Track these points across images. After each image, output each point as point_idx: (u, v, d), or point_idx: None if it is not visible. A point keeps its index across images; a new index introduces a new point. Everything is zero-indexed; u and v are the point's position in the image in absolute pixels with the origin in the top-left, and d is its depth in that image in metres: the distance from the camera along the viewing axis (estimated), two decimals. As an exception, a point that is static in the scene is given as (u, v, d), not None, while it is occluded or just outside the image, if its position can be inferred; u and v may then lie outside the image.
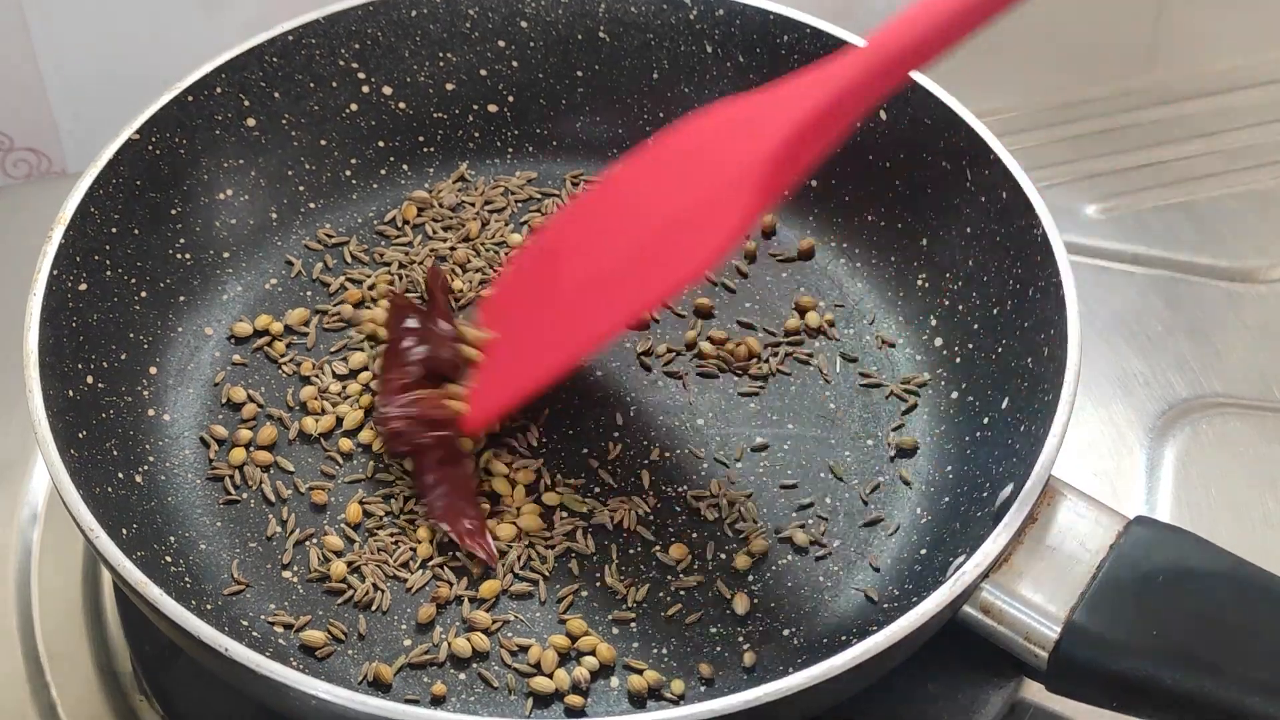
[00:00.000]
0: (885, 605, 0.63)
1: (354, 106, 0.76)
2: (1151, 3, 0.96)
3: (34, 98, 0.85)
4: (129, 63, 0.85)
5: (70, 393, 0.63)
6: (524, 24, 0.77)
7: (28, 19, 0.82)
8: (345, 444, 0.67)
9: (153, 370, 0.68)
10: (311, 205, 0.75)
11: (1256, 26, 0.95)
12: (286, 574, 0.63)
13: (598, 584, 0.64)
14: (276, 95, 0.74)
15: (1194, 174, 0.86)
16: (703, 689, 0.61)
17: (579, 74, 0.78)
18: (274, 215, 0.74)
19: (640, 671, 0.61)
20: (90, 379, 0.64)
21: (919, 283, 0.72)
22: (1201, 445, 0.74)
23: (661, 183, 0.62)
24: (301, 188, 0.75)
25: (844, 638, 0.61)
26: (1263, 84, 0.91)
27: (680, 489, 0.66)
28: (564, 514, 0.65)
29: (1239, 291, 0.81)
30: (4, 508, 0.71)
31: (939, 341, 0.71)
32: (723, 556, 0.64)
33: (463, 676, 0.61)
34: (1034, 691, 0.63)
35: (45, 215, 0.65)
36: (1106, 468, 0.73)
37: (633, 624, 0.62)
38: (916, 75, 0.72)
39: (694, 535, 0.65)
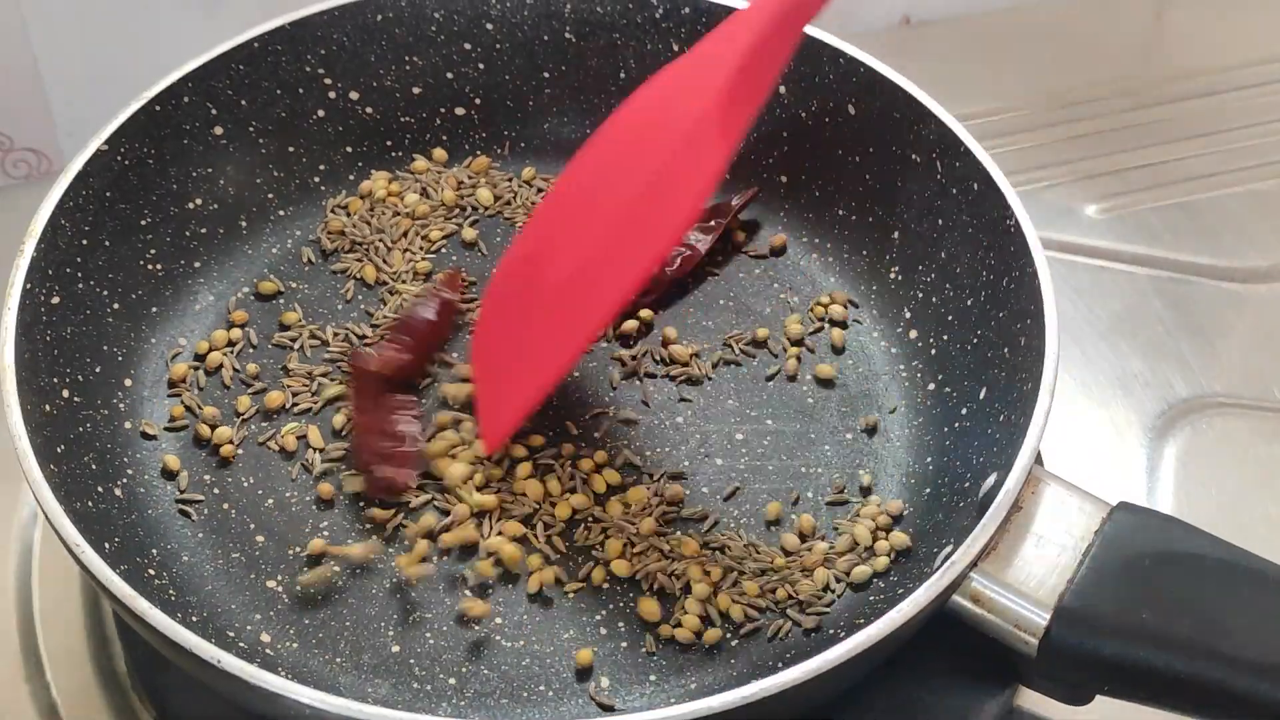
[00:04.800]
0: (872, 598, 0.63)
1: (321, 112, 0.76)
2: (1151, 2, 0.96)
3: (34, 98, 0.85)
4: (129, 63, 0.84)
5: (47, 407, 0.62)
6: (490, 26, 0.77)
7: (27, 20, 0.82)
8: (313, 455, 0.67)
9: (128, 382, 0.68)
10: (281, 213, 0.75)
11: (1256, 26, 0.95)
12: (270, 584, 0.63)
13: (584, 584, 0.64)
14: (243, 103, 0.74)
15: (1194, 174, 0.86)
16: (693, 686, 0.61)
17: (546, 75, 0.78)
18: (244, 223, 0.74)
19: (628, 669, 0.61)
20: (66, 393, 0.64)
21: (892, 276, 0.73)
22: (1201, 445, 0.74)
23: (621, 161, 0.61)
24: (270, 195, 0.75)
25: (833, 631, 0.62)
26: (1263, 84, 0.91)
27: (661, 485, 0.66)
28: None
29: (1239, 291, 0.81)
30: (4, 508, 0.70)
31: (914, 334, 0.71)
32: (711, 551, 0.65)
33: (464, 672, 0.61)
34: (1028, 699, 0.63)
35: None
36: (1106, 467, 0.73)
37: (621, 625, 0.62)
38: (889, 72, 0.72)
39: (679, 532, 0.65)
